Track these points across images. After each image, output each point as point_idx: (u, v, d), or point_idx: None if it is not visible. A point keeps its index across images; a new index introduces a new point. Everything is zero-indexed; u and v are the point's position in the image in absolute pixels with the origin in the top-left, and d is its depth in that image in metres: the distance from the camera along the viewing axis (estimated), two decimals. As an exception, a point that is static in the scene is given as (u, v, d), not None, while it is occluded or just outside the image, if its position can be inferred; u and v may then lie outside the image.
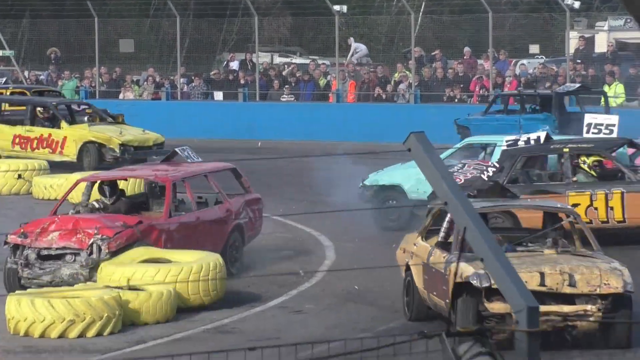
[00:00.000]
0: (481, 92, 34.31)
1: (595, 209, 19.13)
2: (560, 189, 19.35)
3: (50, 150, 26.85)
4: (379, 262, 16.95)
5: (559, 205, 15.32)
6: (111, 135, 26.52)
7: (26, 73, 38.01)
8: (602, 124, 23.28)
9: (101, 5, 36.56)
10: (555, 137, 21.87)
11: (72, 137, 26.46)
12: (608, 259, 13.34)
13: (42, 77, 37.95)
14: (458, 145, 22.73)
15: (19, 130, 26.85)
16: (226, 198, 17.97)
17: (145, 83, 36.59)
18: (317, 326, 15.76)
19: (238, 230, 17.84)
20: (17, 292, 15.23)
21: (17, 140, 26.80)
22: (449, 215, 12.89)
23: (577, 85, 31.39)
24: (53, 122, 27.42)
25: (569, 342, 12.57)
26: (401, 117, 30.58)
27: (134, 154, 26.16)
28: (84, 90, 36.44)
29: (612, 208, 19.18)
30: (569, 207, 15.74)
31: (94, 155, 26.21)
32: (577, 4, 35.38)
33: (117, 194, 17.64)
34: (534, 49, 38.74)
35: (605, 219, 19.03)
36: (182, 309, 15.33)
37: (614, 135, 22.72)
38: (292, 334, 14.90)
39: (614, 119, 23.56)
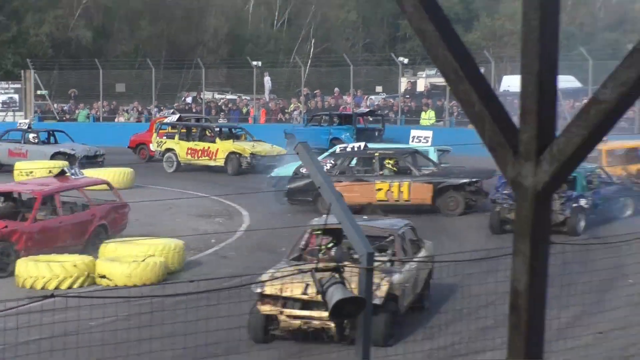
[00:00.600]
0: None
1: (392, 192, 20.67)
2: (371, 179, 20.78)
3: (208, 158, 28.13)
4: (278, 224, 17.25)
5: (380, 227, 12.92)
6: (245, 147, 27.85)
7: (55, 105, 40.79)
8: (422, 136, 24.37)
9: (104, 62, 41.24)
10: (372, 146, 22.90)
11: (222, 148, 28.06)
12: (380, 275, 11.22)
13: (65, 107, 40.56)
14: (330, 150, 23.89)
15: (191, 144, 28.68)
16: (93, 205, 17.28)
17: (132, 111, 40.15)
18: (237, 266, 15.38)
19: (102, 227, 17.13)
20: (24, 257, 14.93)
21: (189, 151, 28.74)
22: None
23: (367, 109, 34.27)
24: (213, 139, 28.57)
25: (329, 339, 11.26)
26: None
27: (262, 160, 27.19)
28: (92, 116, 39.57)
29: (402, 192, 20.70)
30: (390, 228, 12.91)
31: (234, 162, 27.75)
32: (406, 60, 38.69)
33: (6, 201, 17.23)
34: (379, 88, 41.14)
35: (398, 199, 20.60)
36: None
37: (429, 144, 23.68)
38: (221, 272, 14.59)
39: (429, 133, 24.72)
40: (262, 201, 21.55)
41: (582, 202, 18.54)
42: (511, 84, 40.48)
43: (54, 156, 28.30)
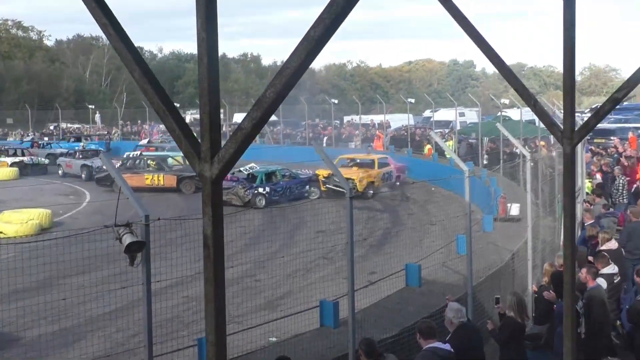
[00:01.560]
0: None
1: (154, 179, 37.17)
2: (141, 172, 37.43)
3: None
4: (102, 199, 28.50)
5: None
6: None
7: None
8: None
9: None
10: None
11: None
12: None
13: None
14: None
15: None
16: None
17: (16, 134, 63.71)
18: (83, 224, 24.05)
19: None
20: None
21: None
22: None
23: None
24: None
25: None
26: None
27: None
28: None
29: (160, 179, 37.11)
30: None
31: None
32: None
33: None
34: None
35: (157, 184, 36.93)
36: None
37: None
38: (75, 226, 23.78)
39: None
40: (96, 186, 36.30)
41: (260, 189, 31.34)
42: (239, 119, 58.43)
43: None
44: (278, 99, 3.00)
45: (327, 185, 31.87)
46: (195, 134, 3.32)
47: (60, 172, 43.93)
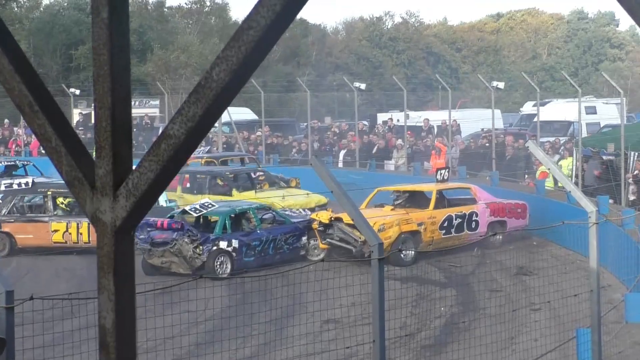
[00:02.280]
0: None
1: (70, 233, 20.96)
2: (45, 219, 21.15)
3: None
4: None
5: None
6: (273, 200, 23.22)
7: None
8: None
9: None
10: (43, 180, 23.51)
11: None
12: None
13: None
14: None
15: (199, 198, 22.15)
16: None
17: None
18: None
19: None
20: None
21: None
22: None
23: None
24: (228, 190, 24.42)
25: None
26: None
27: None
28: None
29: (81, 233, 20.90)
30: None
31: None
32: (77, 92, 39.47)
33: None
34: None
35: (77, 241, 20.86)
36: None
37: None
38: None
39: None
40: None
41: (223, 244, 19.19)
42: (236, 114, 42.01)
43: None
44: (234, 83, 2.03)
45: (329, 239, 20.20)
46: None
47: None
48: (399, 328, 13.95)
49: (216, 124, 38.34)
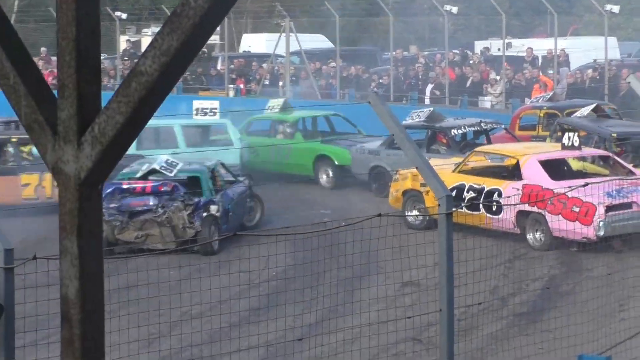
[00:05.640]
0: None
1: (44, 187, 20.41)
2: (14, 171, 20.42)
3: None
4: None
5: None
6: None
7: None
8: (207, 108, 23.97)
9: None
10: None
11: None
12: None
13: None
14: None
15: None
16: None
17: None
18: None
19: None
20: None
21: None
22: None
23: None
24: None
25: None
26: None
27: None
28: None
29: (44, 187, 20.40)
30: None
31: None
32: (124, 15, 38.32)
33: None
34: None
35: (51, 195, 19.29)
36: None
37: (217, 116, 23.93)
38: None
39: (215, 103, 24.47)
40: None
41: (213, 209, 18.01)
42: (252, 43, 41.92)
43: None
44: (216, 10, 1.97)
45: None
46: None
47: None
48: (489, 291, 13.66)
49: (283, 53, 36.06)
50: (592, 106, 22.89)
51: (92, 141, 2.00)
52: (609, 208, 17.36)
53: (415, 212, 18.51)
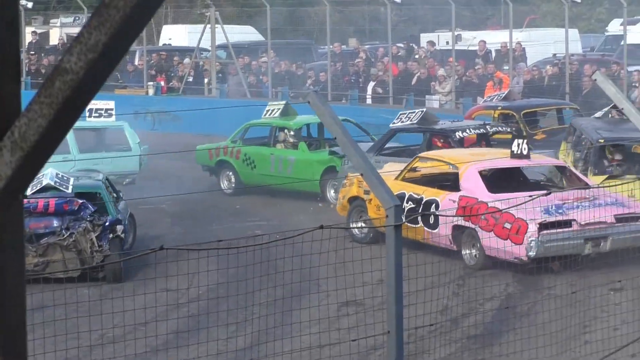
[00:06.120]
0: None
1: None
2: None
3: None
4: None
5: None
6: None
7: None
8: (102, 109, 23.70)
9: None
10: None
11: None
12: None
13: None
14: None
15: None
16: None
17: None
18: None
19: None
20: None
21: None
22: None
23: None
24: None
25: None
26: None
27: None
28: None
29: None
30: None
31: None
32: (30, 5, 37.12)
33: None
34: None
35: None
36: None
37: (113, 118, 23.76)
38: None
39: (111, 104, 24.08)
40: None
41: (119, 229, 17.37)
42: (173, 35, 41.97)
43: None
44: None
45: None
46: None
47: None
48: (439, 312, 13.70)
49: (208, 47, 36.40)
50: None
51: (12, 147, 2.01)
52: (542, 226, 16.96)
53: (360, 224, 18.36)
